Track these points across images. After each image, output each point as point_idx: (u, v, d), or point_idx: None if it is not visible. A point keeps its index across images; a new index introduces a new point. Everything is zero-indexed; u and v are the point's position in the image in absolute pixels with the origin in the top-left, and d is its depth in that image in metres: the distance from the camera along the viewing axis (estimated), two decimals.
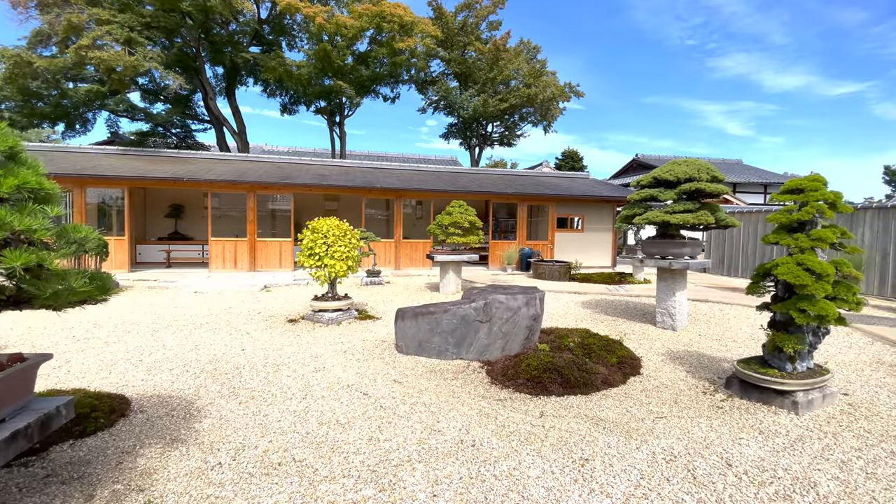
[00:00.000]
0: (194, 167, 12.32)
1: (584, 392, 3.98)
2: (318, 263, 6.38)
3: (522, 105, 19.42)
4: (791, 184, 3.68)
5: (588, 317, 7.26)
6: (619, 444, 3.06)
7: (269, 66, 15.30)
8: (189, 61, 15.77)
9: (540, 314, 5.11)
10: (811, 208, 3.46)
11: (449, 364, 4.76)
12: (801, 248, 3.48)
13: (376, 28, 15.89)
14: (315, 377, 4.30)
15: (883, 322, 6.84)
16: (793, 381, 3.54)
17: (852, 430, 3.29)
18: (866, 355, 5.23)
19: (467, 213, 9.04)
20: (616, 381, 4.23)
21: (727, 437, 3.17)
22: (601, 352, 4.70)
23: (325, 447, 2.97)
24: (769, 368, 3.74)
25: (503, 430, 3.26)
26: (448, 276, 9.11)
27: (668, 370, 4.66)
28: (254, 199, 11.78)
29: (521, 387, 4.07)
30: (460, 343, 4.89)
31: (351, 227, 6.84)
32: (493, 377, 4.35)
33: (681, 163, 6.24)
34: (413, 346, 5.00)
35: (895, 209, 10.08)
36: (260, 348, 5.23)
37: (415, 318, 4.97)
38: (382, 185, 12.49)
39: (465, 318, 4.86)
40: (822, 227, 3.70)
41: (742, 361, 3.97)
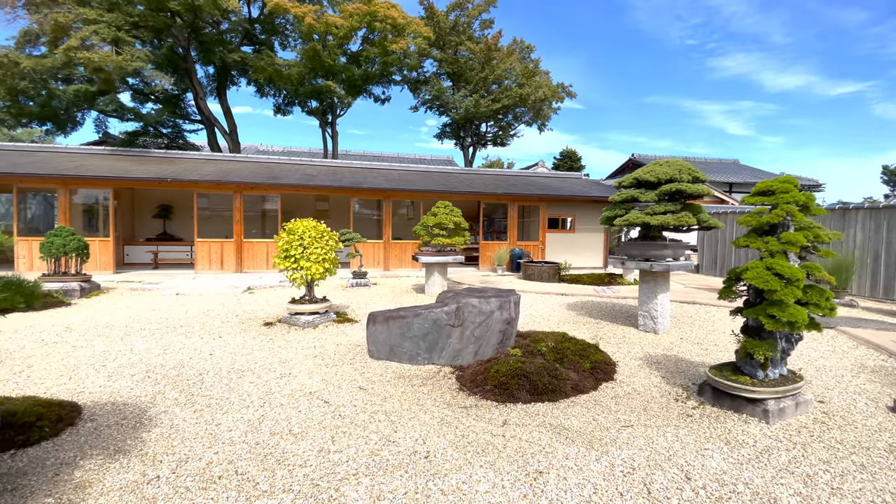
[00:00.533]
0: (180, 167, 12.21)
1: (552, 399, 3.87)
2: (293, 266, 6.27)
3: (515, 105, 19.30)
4: (762, 185, 3.56)
5: (571, 319, 7.15)
6: (578, 455, 2.95)
7: (258, 66, 15.19)
8: (179, 61, 15.66)
9: (514, 318, 5.00)
10: (781, 211, 3.34)
11: (420, 369, 4.65)
12: (770, 251, 3.36)
13: (368, 27, 15.79)
14: (278, 384, 4.19)
15: (870, 325, 6.72)
16: (763, 389, 3.43)
17: (823, 440, 3.18)
18: (849, 360, 5.12)
19: (452, 213, 8.93)
20: (587, 388, 4.11)
21: (692, 447, 3.06)
22: (575, 357, 4.59)
23: (272, 459, 2.87)
24: (741, 375, 3.63)
25: (461, 440, 3.15)
26: (433, 277, 9.00)
27: (643, 376, 4.55)
28: (240, 200, 11.68)
29: (488, 394, 3.96)
30: (432, 348, 4.77)
31: (328, 229, 6.73)
32: (462, 383, 4.24)
33: (662, 163, 6.13)
34: (384, 351, 4.89)
35: (887, 209, 9.96)
36: (229, 353, 5.12)
37: (386, 323, 4.86)
38: (370, 185, 12.38)
39: (436, 323, 4.75)
40: (796, 229, 3.59)
41: (714, 368, 3.86)
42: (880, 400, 3.92)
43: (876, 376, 4.57)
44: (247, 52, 16.17)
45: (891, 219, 9.82)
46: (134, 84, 15.31)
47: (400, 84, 20.44)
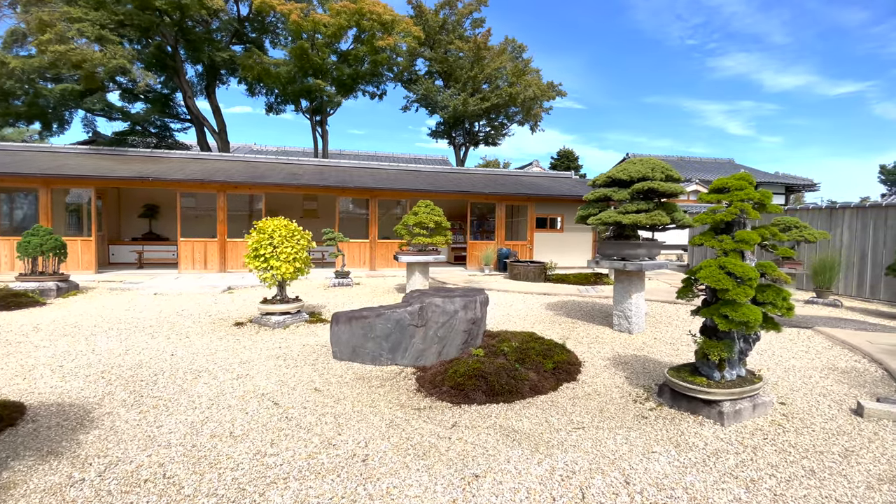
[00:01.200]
0: (164, 167, 12.14)
1: (507, 400, 3.79)
2: (263, 265, 6.20)
3: (506, 104, 19.19)
4: (718, 182, 3.49)
5: (548, 319, 7.07)
6: (521, 458, 2.88)
7: (245, 65, 15.12)
8: (166, 60, 15.60)
9: (480, 317, 4.92)
10: (734, 208, 3.27)
11: (382, 370, 4.58)
12: (724, 250, 3.29)
13: (356, 26, 15.71)
14: (233, 385, 4.11)
15: (850, 325, 6.64)
16: (719, 391, 3.35)
17: (776, 443, 3.10)
18: (821, 360, 5.04)
19: (433, 212, 8.85)
20: (546, 388, 4.04)
21: (639, 450, 2.98)
22: (538, 357, 4.51)
23: (205, 462, 2.79)
24: (698, 377, 3.55)
25: (406, 442, 3.07)
26: (414, 277, 8.92)
27: (607, 376, 4.47)
28: (224, 199, 11.60)
29: (444, 395, 3.88)
30: (395, 348, 4.70)
31: (300, 228, 6.66)
32: (421, 384, 4.17)
33: (636, 161, 6.05)
34: (347, 351, 4.81)
35: (874, 209, 9.88)
36: (192, 353, 5.05)
37: (348, 323, 4.78)
38: (356, 184, 12.30)
39: (399, 323, 4.68)
40: (754, 227, 3.51)
41: (673, 369, 3.78)
42: (845, 402, 3.85)
43: (845, 377, 4.49)
44: (235, 51, 16.11)
45: (877, 218, 9.74)
46: (122, 83, 15.25)
47: (394, 82, 20.36)
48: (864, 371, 4.68)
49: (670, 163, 28.83)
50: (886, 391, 4.10)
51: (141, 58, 15.72)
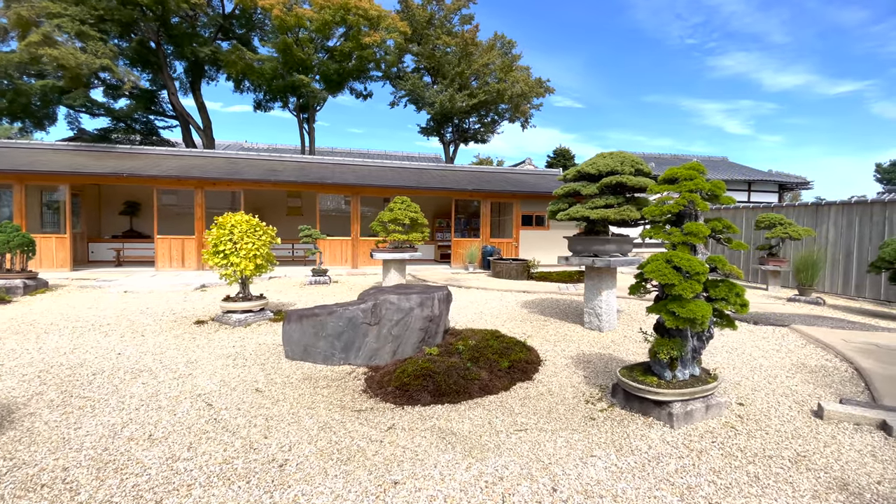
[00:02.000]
0: (141, 163, 11.96)
1: (453, 401, 3.63)
2: (223, 262, 6.03)
3: (494, 101, 18.98)
4: (668, 173, 3.32)
5: (520, 317, 6.91)
6: (450, 463, 2.71)
7: (228, 61, 14.92)
8: (149, 56, 15.39)
9: (438, 315, 4.76)
10: (683, 199, 3.10)
11: (333, 370, 4.41)
12: (673, 243, 3.12)
13: (341, 21, 15.51)
14: (170, 385, 3.94)
15: (827, 323, 6.48)
16: (668, 391, 3.19)
17: (724, 447, 2.94)
18: (791, 359, 4.88)
19: (409, 209, 8.68)
20: (497, 388, 3.87)
21: (578, 454, 2.82)
22: (495, 356, 4.35)
23: (112, 467, 2.62)
24: (649, 376, 3.39)
25: (333, 447, 2.90)
26: (390, 274, 8.75)
27: (566, 375, 4.31)
28: (201, 196, 11.42)
29: (389, 396, 3.72)
30: (348, 347, 4.53)
31: (263, 223, 6.48)
32: (369, 385, 4.01)
33: (606, 155, 5.89)
34: (299, 351, 4.64)
35: (859, 205, 9.72)
36: (140, 352, 4.88)
37: (300, 321, 4.62)
38: (337, 180, 12.12)
39: (352, 321, 4.51)
40: (707, 220, 3.34)
41: (626, 368, 3.62)
42: (807, 403, 3.68)
43: (812, 377, 4.33)
44: (219, 47, 15.89)
45: (863, 214, 9.59)
46: (106, 79, 15.03)
47: (382, 80, 20.16)
48: (834, 370, 4.52)
49: (665, 161, 28.71)
50: (853, 391, 3.94)
51: (123, 54, 15.51)
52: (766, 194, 25.85)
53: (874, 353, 4.92)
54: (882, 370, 4.32)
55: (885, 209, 9.23)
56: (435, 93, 18.11)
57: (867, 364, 4.51)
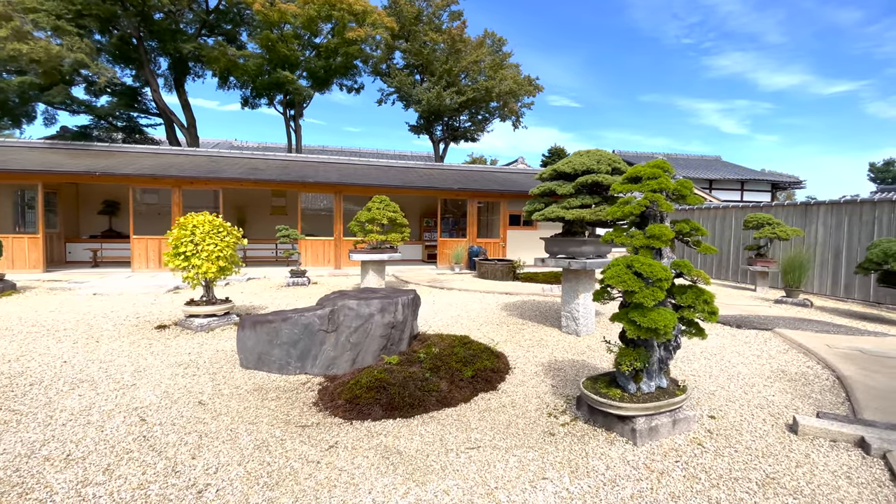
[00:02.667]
0: (117, 161, 11.67)
1: (407, 415, 3.40)
2: (184, 264, 5.78)
3: (482, 99, 18.72)
4: (632, 171, 3.10)
5: (499, 320, 6.69)
6: (387, 488, 2.48)
7: (211, 57, 14.62)
8: (130, 52, 15.07)
9: (402, 320, 4.52)
10: (645, 199, 2.88)
11: (287, 380, 4.17)
12: (635, 247, 2.90)
13: (326, 17, 15.22)
14: (109, 397, 3.70)
15: (813, 326, 6.28)
16: (630, 405, 2.96)
17: (689, 467, 2.72)
18: (771, 366, 4.67)
19: (388, 208, 8.44)
20: (456, 400, 3.64)
21: (528, 476, 2.60)
22: (458, 364, 4.12)
23: (17, 491, 2.38)
24: (613, 388, 3.16)
25: (263, 469, 2.67)
26: (369, 276, 8.51)
27: (533, 384, 4.08)
28: (178, 195, 11.15)
29: (338, 409, 3.49)
30: (304, 356, 4.29)
31: (228, 224, 6.23)
32: (322, 396, 3.77)
33: (583, 153, 5.66)
34: (253, 359, 4.40)
35: (848, 205, 9.54)
36: (88, 360, 4.63)
37: (254, 328, 4.37)
38: (320, 179, 11.86)
39: (308, 328, 4.27)
40: (674, 222, 3.13)
41: (591, 379, 3.39)
42: (783, 415, 3.47)
43: (792, 386, 4.12)
44: (203, 43, 15.57)
45: (852, 214, 9.41)
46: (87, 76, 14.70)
47: (372, 76, 19.87)
48: (815, 378, 4.32)
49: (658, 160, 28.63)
50: (832, 402, 3.74)
51: (104, 50, 15.18)
52: (759, 193, 25.74)
53: (858, 359, 4.72)
54: (864, 378, 4.12)
55: (874, 209, 9.05)
56: (423, 90, 17.84)
57: (849, 371, 4.31)
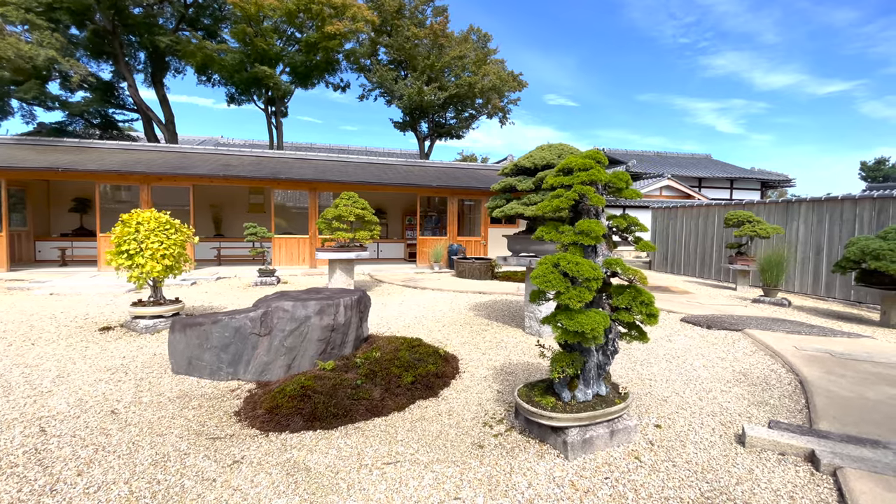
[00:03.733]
0: (86, 157, 11.34)
1: (329, 426, 3.15)
2: (127, 263, 5.50)
3: (465, 95, 18.43)
4: (563, 163, 2.86)
5: (463, 320, 6.45)
6: None
7: (187, 51, 14.28)
8: (104, 46, 14.70)
9: (343, 323, 4.27)
10: (573, 193, 2.64)
11: (216, 387, 3.91)
12: (563, 244, 2.66)
13: (305, 10, 14.89)
14: (17, 406, 3.43)
15: (785, 327, 6.08)
16: (562, 416, 2.73)
17: (618, 485, 2.49)
18: (734, 369, 4.45)
19: (356, 205, 8.18)
20: (388, 409, 3.40)
21: (440, 496, 2.36)
22: (399, 369, 3.88)
23: None
24: (547, 396, 2.93)
25: (151, 488, 2.42)
26: (336, 275, 8.25)
27: (478, 390, 3.84)
28: (147, 192, 10.84)
29: (257, 420, 3.23)
30: (236, 361, 4.04)
31: (177, 221, 5.96)
32: (247, 405, 3.52)
33: (545, 148, 5.43)
34: (183, 364, 4.14)
35: (829, 202, 9.36)
36: (13, 365, 4.35)
37: (184, 331, 4.11)
38: (293, 175, 11.56)
39: (239, 331, 4.01)
40: (610, 217, 2.89)
41: (527, 385, 3.16)
42: (734, 424, 3.25)
43: (751, 391, 3.90)
44: (180, 37, 15.19)
45: (833, 212, 9.23)
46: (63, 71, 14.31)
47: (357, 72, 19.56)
48: (777, 382, 4.10)
49: (647, 158, 28.34)
50: (790, 409, 3.52)
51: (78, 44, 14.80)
52: (748, 192, 25.62)
53: (825, 362, 4.51)
54: (827, 383, 3.91)
55: (855, 206, 8.88)
56: (404, 86, 17.51)
57: (813, 375, 4.10)
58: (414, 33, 17.47)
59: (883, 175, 38.03)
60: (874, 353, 4.82)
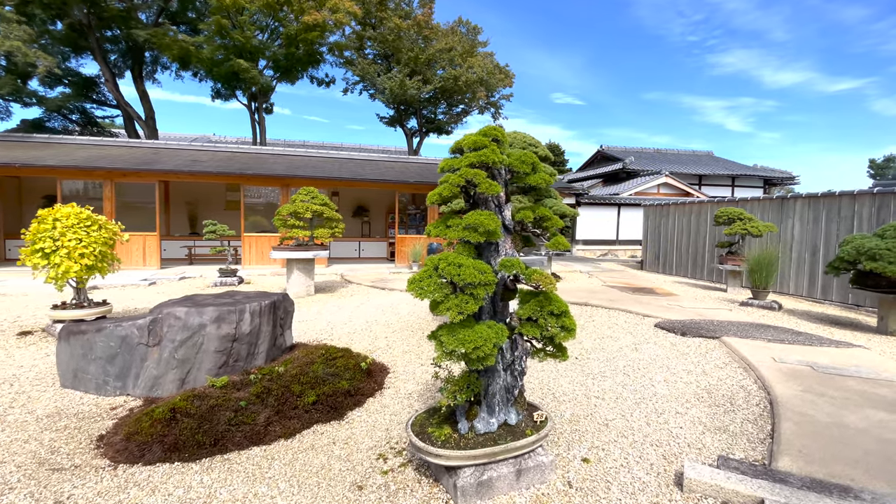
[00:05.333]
0: (52, 152, 10.95)
1: (193, 457, 2.66)
2: (43, 262, 5.05)
3: (452, 88, 17.83)
4: (456, 144, 2.34)
5: (416, 326, 5.95)
6: None
7: (163, 44, 13.87)
8: (79, 40, 14.34)
9: (248, 332, 3.78)
10: (459, 177, 2.12)
11: (99, 403, 3.44)
12: (451, 241, 2.15)
13: (284, 2, 14.42)
14: None
15: (768, 333, 5.50)
16: (451, 452, 2.21)
17: None
18: (699, 385, 3.90)
19: (314, 201, 7.69)
20: (273, 436, 2.90)
21: None
22: (304, 386, 3.38)
23: None
24: (446, 426, 2.41)
25: None
26: (294, 276, 7.77)
27: (395, 410, 3.34)
28: (111, 188, 10.43)
29: (112, 448, 2.75)
30: (124, 374, 3.56)
31: (101, 217, 5.50)
32: (114, 428, 3.04)
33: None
34: (69, 376, 3.68)
35: (826, 198, 8.73)
36: None
37: (68, 340, 3.65)
38: (264, 171, 11.10)
39: (126, 340, 3.54)
40: (523, 208, 2.37)
41: (428, 411, 2.65)
42: (679, 458, 2.71)
43: (711, 413, 3.36)
44: (157, 30, 14.77)
45: (830, 209, 8.60)
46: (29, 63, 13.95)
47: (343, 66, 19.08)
48: (744, 402, 3.55)
49: (646, 155, 27.60)
50: (753, 436, 2.97)
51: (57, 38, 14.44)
52: (751, 190, 24.83)
53: (804, 377, 3.95)
54: (802, 404, 3.35)
55: (853, 202, 8.25)
56: (386, 79, 16.98)
57: (787, 394, 3.54)
58: (397, 24, 16.92)
59: (892, 173, 36.96)
60: (863, 367, 4.25)
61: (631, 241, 19.88)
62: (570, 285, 9.69)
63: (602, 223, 19.88)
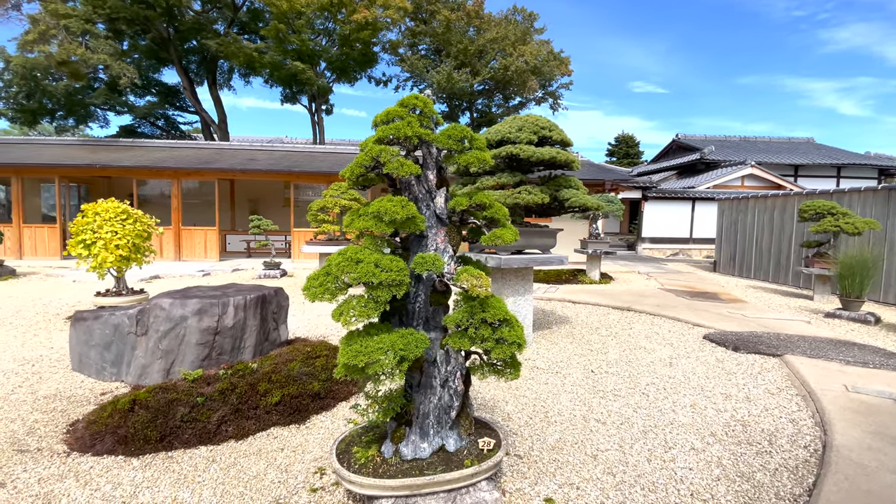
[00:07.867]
0: (131, 154, 12.15)
1: (137, 452, 2.62)
2: (85, 253, 5.47)
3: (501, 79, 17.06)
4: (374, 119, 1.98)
5: None
6: None
7: (230, 51, 14.86)
8: (160, 52, 15.83)
9: (231, 326, 3.73)
10: (365, 156, 1.77)
11: (93, 388, 3.58)
12: (356, 234, 1.82)
13: (337, 3, 14.78)
14: None
15: (850, 354, 4.47)
16: (366, 480, 1.91)
17: None
18: (737, 414, 3.20)
19: (343, 196, 7.69)
20: (223, 436, 2.79)
21: None
22: (272, 385, 3.24)
23: None
24: (372, 448, 2.11)
25: None
26: None
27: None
28: (177, 186, 11.34)
29: (74, 434, 2.79)
30: (119, 361, 3.69)
31: (139, 211, 5.85)
32: (90, 415, 3.11)
33: (509, 120, 4.45)
34: (76, 360, 3.89)
35: None
36: None
37: (74, 326, 3.85)
38: (311, 168, 11.42)
39: (118, 329, 3.65)
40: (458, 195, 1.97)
41: (364, 427, 2.35)
42: None
43: (737, 453, 2.70)
44: (224, 39, 15.88)
45: None
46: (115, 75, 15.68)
47: (398, 65, 19.25)
48: (789, 442, 2.82)
49: (730, 144, 24.68)
50: (782, 492, 2.31)
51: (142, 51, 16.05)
52: (860, 182, 21.30)
53: (881, 415, 3.08)
54: (864, 453, 2.58)
55: None
56: (434, 73, 16.76)
57: (849, 437, 2.76)
58: (446, 16, 16.61)
59: None
60: None
61: (707, 238, 17.92)
62: (618, 287, 8.84)
63: (673, 219, 18.16)
